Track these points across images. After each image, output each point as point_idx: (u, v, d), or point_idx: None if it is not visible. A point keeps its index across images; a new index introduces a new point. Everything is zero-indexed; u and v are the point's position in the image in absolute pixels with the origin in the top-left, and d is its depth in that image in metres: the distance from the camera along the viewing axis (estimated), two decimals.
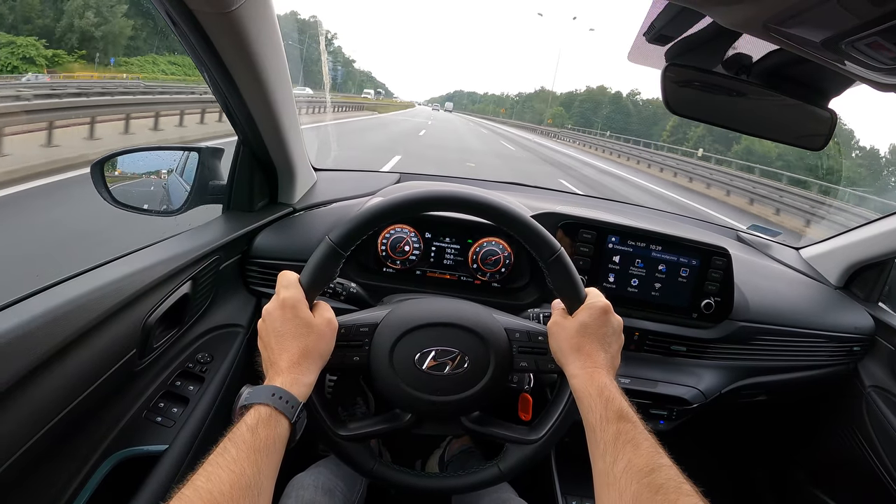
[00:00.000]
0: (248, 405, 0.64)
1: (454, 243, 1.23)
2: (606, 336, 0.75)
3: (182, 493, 0.53)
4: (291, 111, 1.11)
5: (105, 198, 1.10)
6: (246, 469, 0.56)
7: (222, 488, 0.54)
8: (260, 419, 0.62)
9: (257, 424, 0.61)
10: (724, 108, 0.91)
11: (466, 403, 0.79)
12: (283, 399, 0.64)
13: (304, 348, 0.70)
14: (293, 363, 0.69)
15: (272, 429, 0.62)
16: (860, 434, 1.39)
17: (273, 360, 0.70)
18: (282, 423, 0.63)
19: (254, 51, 0.86)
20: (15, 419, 0.65)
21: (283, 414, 0.63)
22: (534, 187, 1.83)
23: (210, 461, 0.57)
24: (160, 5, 0.74)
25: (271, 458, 0.60)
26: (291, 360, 0.69)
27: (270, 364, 0.70)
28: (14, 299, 0.70)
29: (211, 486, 0.54)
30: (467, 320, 0.80)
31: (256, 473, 0.57)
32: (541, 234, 0.77)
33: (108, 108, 8.92)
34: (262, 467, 0.58)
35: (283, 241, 1.20)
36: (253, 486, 0.56)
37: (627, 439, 0.63)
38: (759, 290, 1.32)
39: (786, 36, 0.62)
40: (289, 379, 0.67)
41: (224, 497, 0.53)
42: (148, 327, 0.87)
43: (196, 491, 0.53)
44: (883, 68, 0.56)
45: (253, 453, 0.58)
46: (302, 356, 0.69)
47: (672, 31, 0.83)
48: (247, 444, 0.59)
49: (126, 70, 29.36)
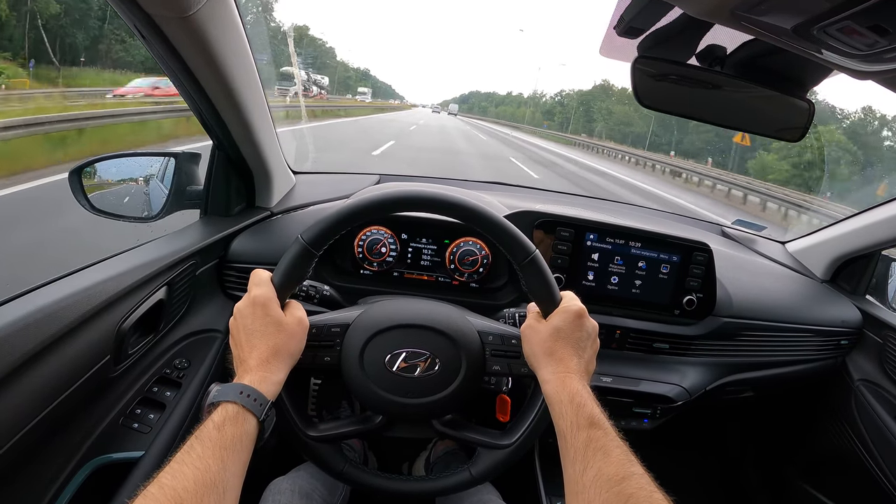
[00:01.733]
0: (216, 403, 0.63)
1: (431, 244, 1.22)
2: (580, 341, 0.74)
3: (147, 490, 0.53)
4: (264, 114, 1.10)
5: (83, 204, 1.10)
6: (211, 466, 0.56)
7: (186, 485, 0.54)
8: (227, 417, 0.62)
9: (224, 422, 0.61)
10: (698, 100, 0.90)
11: (438, 406, 0.78)
12: (251, 397, 0.64)
13: (274, 347, 0.70)
14: (262, 361, 0.68)
15: (239, 426, 0.62)
16: (850, 428, 1.38)
17: (243, 357, 0.70)
18: (249, 420, 0.63)
19: (218, 54, 0.85)
20: None
21: (250, 412, 0.63)
22: (514, 186, 1.82)
23: (176, 459, 0.57)
24: (122, 12, 0.74)
25: (238, 456, 0.60)
26: (261, 358, 0.69)
27: (240, 362, 0.70)
28: None
29: (175, 483, 0.54)
30: (439, 322, 0.80)
31: (222, 470, 0.57)
32: (515, 235, 0.76)
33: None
34: (229, 464, 0.58)
35: (260, 245, 1.19)
36: (218, 482, 0.56)
37: (598, 447, 0.62)
38: (742, 286, 1.31)
39: (756, 24, 0.61)
40: (258, 377, 0.67)
41: (188, 494, 0.53)
42: (122, 333, 0.87)
43: (161, 488, 0.53)
44: (858, 55, 0.55)
45: (219, 450, 0.58)
46: (272, 354, 0.69)
47: (642, 24, 0.82)
48: (213, 441, 0.59)
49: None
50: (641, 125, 58.21)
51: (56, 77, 21.23)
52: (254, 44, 0.97)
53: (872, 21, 0.48)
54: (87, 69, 26.14)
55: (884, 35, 0.49)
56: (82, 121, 8.66)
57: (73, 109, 10.19)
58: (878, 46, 0.51)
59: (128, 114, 10.47)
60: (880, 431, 1.29)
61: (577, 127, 75.27)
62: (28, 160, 6.21)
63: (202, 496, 0.54)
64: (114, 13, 0.77)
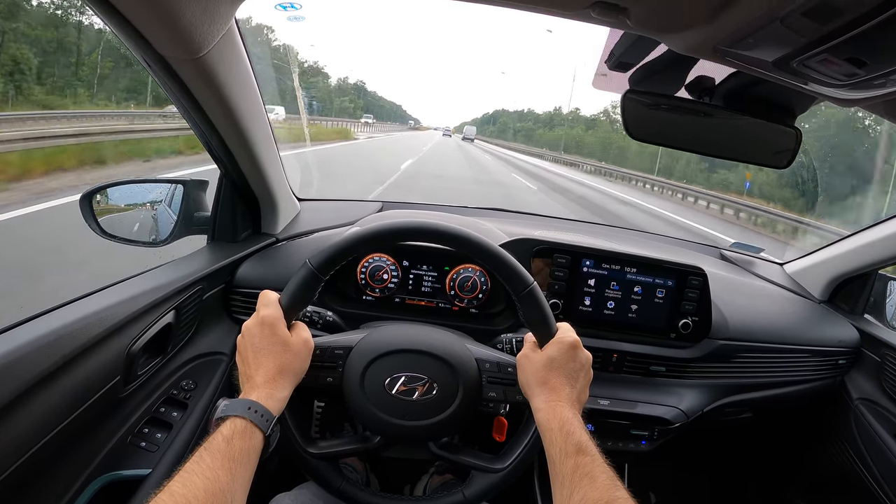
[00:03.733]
0: (225, 417, 0.67)
1: (431, 271, 1.25)
2: (573, 371, 0.77)
3: (159, 497, 0.56)
4: (269, 145, 1.14)
5: (93, 228, 1.13)
6: (220, 476, 0.59)
7: (197, 494, 0.56)
8: (235, 430, 0.64)
9: (233, 435, 0.64)
10: (688, 131, 0.93)
11: (434, 429, 0.81)
12: (259, 413, 0.67)
13: (280, 365, 0.73)
14: (269, 379, 0.72)
15: (247, 440, 0.65)
16: (850, 447, 1.38)
17: (250, 374, 0.73)
18: (256, 435, 0.66)
19: (227, 91, 0.90)
20: (2, 443, 0.67)
21: (257, 427, 0.66)
22: (512, 212, 1.86)
23: (186, 468, 0.59)
24: (137, 53, 0.78)
25: (245, 469, 0.63)
26: (267, 375, 0.72)
27: (247, 378, 0.73)
28: (1, 328, 0.73)
29: (186, 491, 0.56)
30: (438, 349, 0.83)
31: (231, 481, 0.60)
32: (513, 267, 0.80)
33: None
34: (237, 476, 0.61)
35: (265, 271, 1.22)
36: (227, 492, 0.58)
37: (585, 472, 0.65)
38: (739, 308, 1.33)
39: (738, 58, 0.65)
40: (264, 393, 0.70)
41: (198, 502, 0.56)
42: (132, 355, 0.90)
43: (172, 496, 0.56)
44: (840, 84, 0.58)
45: (228, 462, 0.61)
46: (277, 372, 0.73)
47: (631, 58, 0.86)
48: (222, 453, 0.62)
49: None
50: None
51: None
52: (261, 79, 1.01)
53: (849, 54, 0.50)
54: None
55: (861, 66, 0.52)
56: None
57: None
58: (857, 77, 0.54)
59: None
60: (880, 450, 1.29)
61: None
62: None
63: None
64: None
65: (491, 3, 0.67)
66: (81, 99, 18.41)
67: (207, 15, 0.71)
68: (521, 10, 0.66)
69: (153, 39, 0.73)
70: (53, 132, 8.86)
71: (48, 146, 7.91)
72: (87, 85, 20.76)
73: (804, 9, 0.45)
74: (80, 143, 8.78)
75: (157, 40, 0.73)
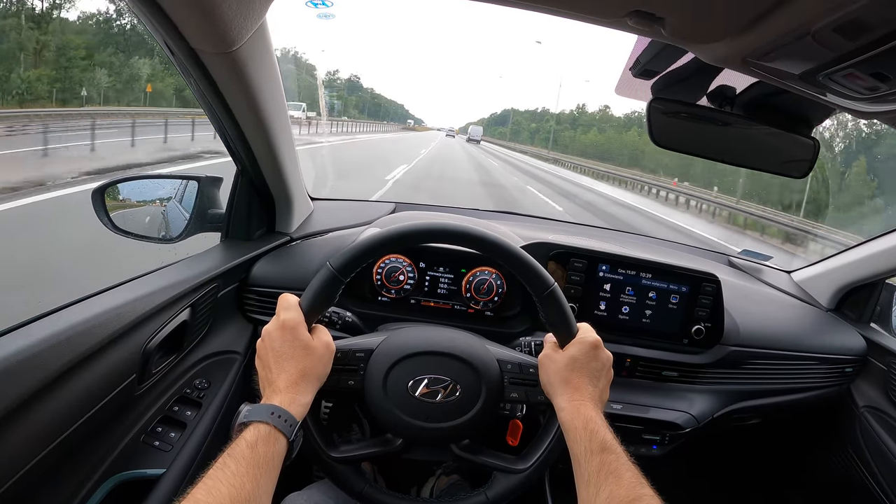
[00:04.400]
0: (248, 422, 0.65)
1: (448, 273, 1.25)
2: (595, 370, 0.77)
3: None
4: (289, 143, 1.14)
5: (105, 223, 1.13)
6: (246, 484, 0.58)
7: (223, 501, 0.55)
8: (259, 436, 0.64)
9: (257, 441, 0.63)
10: (708, 140, 0.94)
11: (457, 431, 0.81)
12: (282, 418, 0.66)
13: (303, 369, 0.72)
14: (291, 383, 0.71)
15: (271, 446, 0.64)
16: (855, 455, 1.39)
17: (271, 379, 0.72)
18: (280, 441, 0.65)
19: (254, 87, 0.89)
20: (18, 440, 0.67)
21: (281, 432, 0.65)
22: (525, 216, 1.86)
23: (210, 475, 0.58)
24: (164, 44, 0.78)
25: (269, 475, 0.62)
26: (290, 380, 0.71)
27: (268, 383, 0.72)
28: (18, 323, 0.73)
29: (211, 499, 0.55)
30: (461, 350, 0.83)
31: (255, 489, 0.59)
32: (535, 268, 0.80)
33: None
34: (262, 483, 0.60)
35: (280, 270, 1.22)
36: (252, 500, 0.58)
37: (610, 470, 0.65)
38: (749, 315, 1.34)
39: (765, 70, 0.65)
40: (287, 398, 0.69)
41: None
42: (147, 353, 0.89)
43: None
44: (861, 97, 0.59)
45: (252, 469, 0.60)
46: (300, 377, 0.72)
47: (656, 66, 0.86)
48: (246, 459, 0.61)
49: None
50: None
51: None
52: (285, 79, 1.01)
53: (874, 69, 0.51)
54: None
55: (884, 81, 0.52)
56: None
57: None
58: (879, 91, 0.55)
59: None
60: (885, 457, 1.30)
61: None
62: None
63: None
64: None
65: (523, 6, 0.67)
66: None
67: (242, 9, 0.71)
68: (557, 16, 0.66)
69: (187, 32, 0.73)
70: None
71: None
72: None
73: (836, 24, 0.46)
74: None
75: (191, 33, 0.73)
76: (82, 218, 3.45)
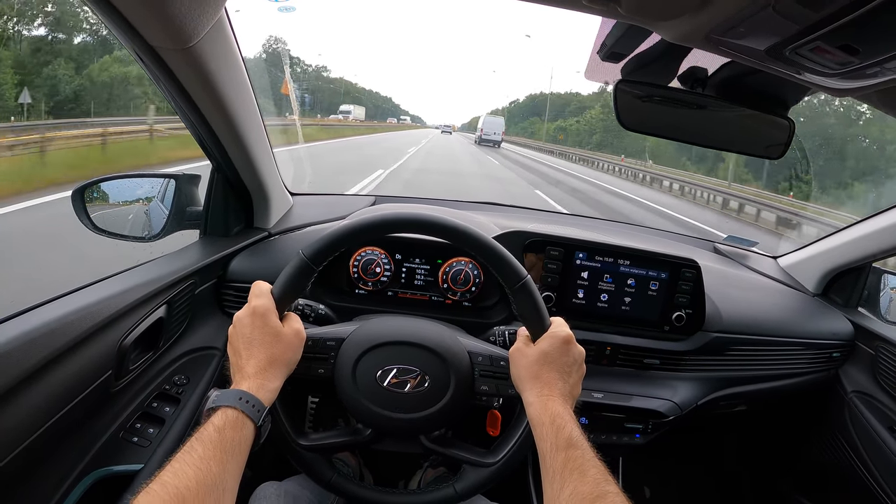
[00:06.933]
0: (216, 407, 0.66)
1: (424, 264, 1.25)
2: (566, 366, 0.77)
3: (150, 487, 0.55)
4: (261, 138, 1.13)
5: (85, 223, 1.13)
6: (212, 467, 0.59)
7: (189, 484, 0.56)
8: (227, 421, 0.64)
9: (224, 426, 0.64)
10: (680, 122, 0.93)
11: (425, 422, 0.81)
12: (250, 403, 0.67)
13: (272, 356, 0.73)
14: (260, 369, 0.71)
15: (238, 430, 0.65)
16: (844, 440, 1.39)
17: (241, 365, 0.73)
18: (247, 425, 0.66)
19: (217, 82, 0.89)
20: None
21: (249, 417, 0.66)
22: (508, 206, 1.85)
23: (177, 458, 0.59)
24: (126, 42, 0.77)
25: (237, 459, 0.63)
26: (259, 366, 0.72)
27: (238, 369, 0.73)
28: None
29: (178, 481, 0.56)
30: (430, 341, 0.82)
31: (222, 472, 0.59)
32: (507, 259, 0.79)
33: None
34: (228, 467, 0.61)
35: (258, 265, 1.21)
36: (219, 483, 0.58)
37: (575, 466, 0.65)
38: (732, 301, 1.33)
39: (731, 47, 0.64)
40: (255, 384, 0.70)
41: (190, 493, 0.55)
42: (123, 350, 0.90)
43: (163, 486, 0.55)
44: (832, 73, 0.58)
45: (220, 452, 0.61)
46: (269, 363, 0.72)
47: (623, 49, 0.85)
48: (214, 443, 0.61)
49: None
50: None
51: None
52: (253, 71, 1.01)
53: (841, 41, 0.50)
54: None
55: (854, 54, 0.51)
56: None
57: None
58: (851, 65, 0.54)
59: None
60: (874, 442, 1.30)
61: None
62: None
63: (204, 496, 0.56)
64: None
65: None
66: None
67: (196, 3, 0.71)
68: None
69: (143, 29, 0.72)
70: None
71: None
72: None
73: None
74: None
75: (147, 30, 0.73)
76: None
